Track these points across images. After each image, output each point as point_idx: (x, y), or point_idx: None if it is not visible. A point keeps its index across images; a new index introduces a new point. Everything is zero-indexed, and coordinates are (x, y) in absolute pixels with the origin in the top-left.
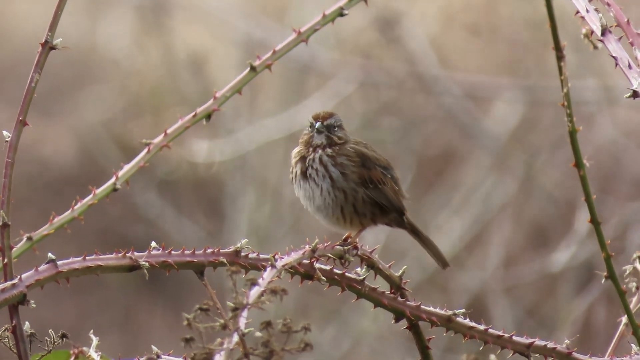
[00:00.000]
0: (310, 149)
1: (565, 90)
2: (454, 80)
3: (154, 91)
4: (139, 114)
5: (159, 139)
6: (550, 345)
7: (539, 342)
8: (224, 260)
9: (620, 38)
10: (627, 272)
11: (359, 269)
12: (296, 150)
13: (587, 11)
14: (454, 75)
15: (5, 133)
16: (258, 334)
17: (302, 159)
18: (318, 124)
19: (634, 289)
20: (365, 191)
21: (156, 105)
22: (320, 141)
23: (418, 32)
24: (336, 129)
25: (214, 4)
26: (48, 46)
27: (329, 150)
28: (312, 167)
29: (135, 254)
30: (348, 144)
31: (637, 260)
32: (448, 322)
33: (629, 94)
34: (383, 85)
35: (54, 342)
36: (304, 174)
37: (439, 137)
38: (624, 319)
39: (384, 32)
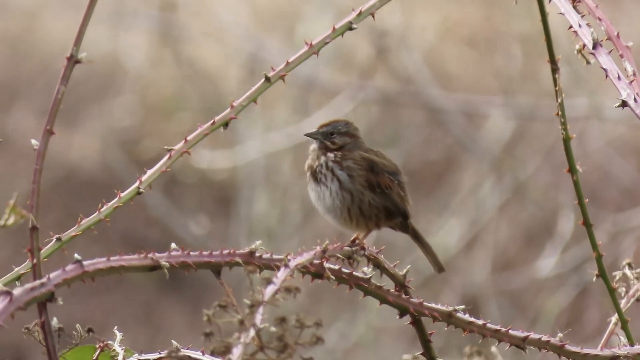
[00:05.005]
0: (315, 156)
1: (559, 100)
2: (450, 99)
3: (170, 101)
4: (157, 122)
5: (179, 145)
6: (545, 338)
7: (533, 335)
8: (240, 261)
9: (611, 51)
10: (617, 277)
11: (365, 269)
12: (307, 164)
13: (580, 26)
14: (451, 94)
15: (33, 141)
16: (272, 329)
17: (310, 166)
18: (313, 130)
19: (623, 293)
20: (372, 195)
21: (172, 114)
22: (314, 146)
23: (416, 50)
24: (334, 135)
25: (226, 20)
26: (73, 60)
27: (330, 155)
28: (321, 172)
29: (156, 254)
30: (358, 150)
31: (627, 267)
32: (449, 318)
33: (618, 104)
34: (382, 102)
35: (81, 336)
36: (316, 179)
37: (432, 153)
38: (614, 318)
39: (383, 53)
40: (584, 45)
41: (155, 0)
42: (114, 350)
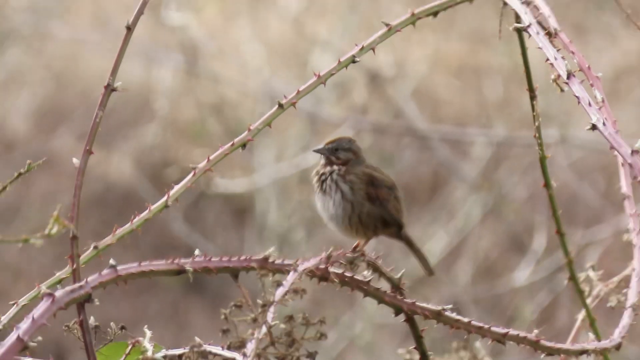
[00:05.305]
0: (322, 169)
1: (537, 123)
2: (435, 130)
3: (195, 126)
4: (184, 144)
5: (203, 164)
6: (522, 334)
7: (512, 331)
8: (255, 266)
9: (582, 81)
10: (582, 279)
11: (365, 273)
12: (315, 170)
13: (555, 59)
14: (437, 126)
15: (75, 160)
16: (282, 326)
17: (317, 172)
18: (320, 147)
19: (586, 293)
20: (371, 206)
21: (197, 138)
22: (321, 161)
23: (410, 79)
24: (339, 152)
25: (246, 57)
26: (110, 88)
27: (335, 169)
28: (327, 183)
29: (182, 260)
30: (360, 166)
31: (591, 269)
32: (438, 316)
33: (589, 127)
34: (377, 132)
35: (115, 333)
36: (322, 190)
37: (422, 172)
38: (581, 315)
39: (378, 90)
40: (559, 76)
41: (183, 38)
42: (144, 346)
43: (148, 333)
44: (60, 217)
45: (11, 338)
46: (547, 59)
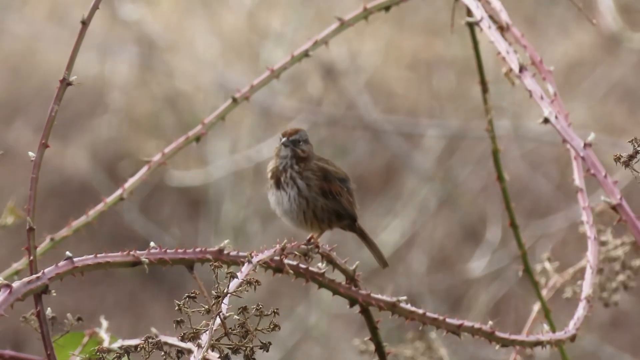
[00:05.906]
0: (280, 166)
1: (489, 117)
2: (388, 121)
3: (151, 119)
4: (139, 136)
5: (157, 157)
6: (477, 325)
7: (467, 323)
8: (210, 257)
9: (534, 74)
10: (539, 270)
11: (320, 264)
12: (271, 164)
13: (508, 52)
14: (389, 117)
15: (30, 154)
16: (236, 317)
17: (275, 176)
18: (284, 139)
19: (543, 284)
20: (325, 201)
21: (152, 130)
22: (285, 153)
23: (363, 72)
24: (301, 143)
25: (200, 50)
26: (65, 82)
27: (296, 167)
28: (283, 180)
29: (137, 252)
30: (312, 160)
31: (547, 261)
32: (393, 307)
33: (541, 120)
34: (331, 124)
35: (72, 324)
36: (277, 185)
37: (376, 162)
38: (536, 307)
39: (332, 82)
40: (511, 69)
41: (138, 32)
42: (101, 336)
43: (105, 323)
44: (16, 208)
45: None
46: (499, 53)
